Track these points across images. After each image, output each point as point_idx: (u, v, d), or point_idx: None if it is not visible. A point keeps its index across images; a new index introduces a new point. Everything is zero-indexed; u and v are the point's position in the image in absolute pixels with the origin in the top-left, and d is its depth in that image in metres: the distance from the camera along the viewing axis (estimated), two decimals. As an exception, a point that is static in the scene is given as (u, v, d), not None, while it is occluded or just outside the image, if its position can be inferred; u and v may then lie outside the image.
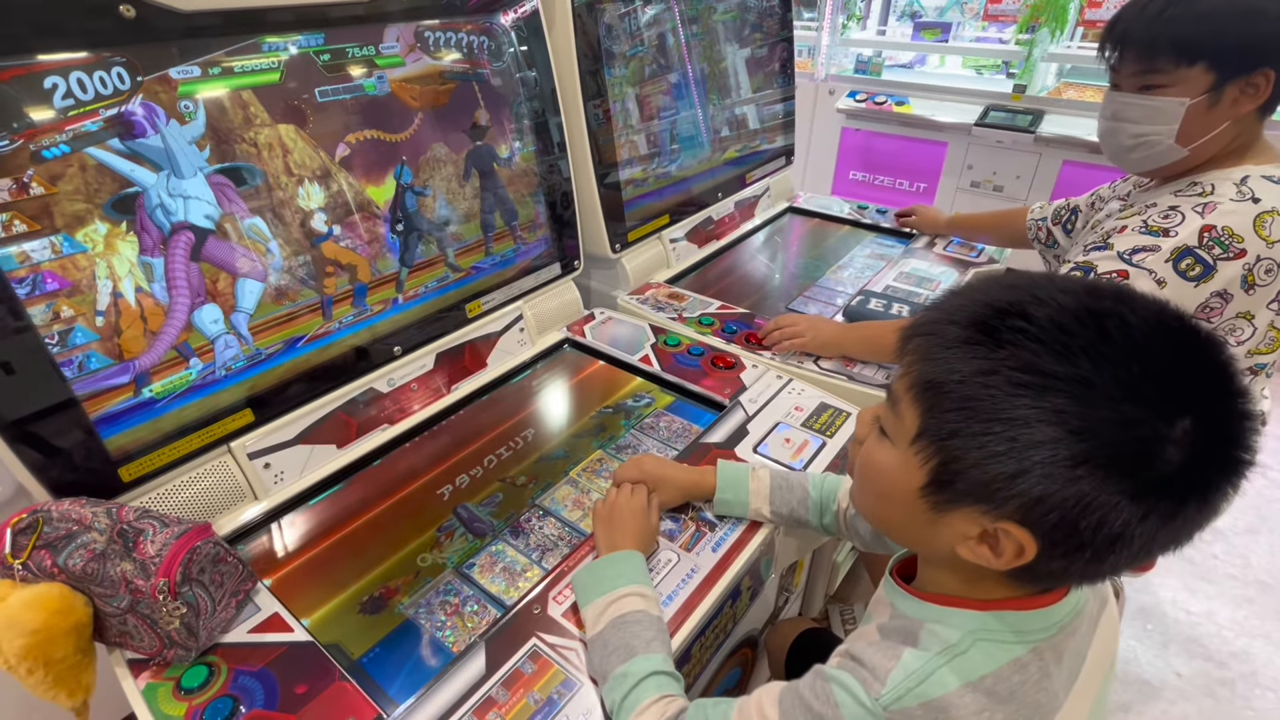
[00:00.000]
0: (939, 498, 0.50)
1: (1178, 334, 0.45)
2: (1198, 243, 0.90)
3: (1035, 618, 0.53)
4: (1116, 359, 0.42)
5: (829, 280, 1.60)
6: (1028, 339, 0.44)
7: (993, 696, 0.50)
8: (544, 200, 1.29)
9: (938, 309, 0.51)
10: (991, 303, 0.47)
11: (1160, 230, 0.93)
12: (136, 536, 0.72)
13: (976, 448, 0.46)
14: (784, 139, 1.98)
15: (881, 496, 0.56)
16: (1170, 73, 0.93)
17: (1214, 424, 0.43)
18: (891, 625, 0.57)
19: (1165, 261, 0.92)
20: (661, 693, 0.66)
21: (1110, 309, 0.44)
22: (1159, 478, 0.42)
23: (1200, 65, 0.91)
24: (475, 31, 1.11)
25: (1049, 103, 2.67)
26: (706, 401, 1.18)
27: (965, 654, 0.51)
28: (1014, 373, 0.44)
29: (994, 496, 0.46)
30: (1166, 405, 0.42)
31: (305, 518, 0.97)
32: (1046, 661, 0.52)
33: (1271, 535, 1.89)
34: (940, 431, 0.48)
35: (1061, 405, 0.43)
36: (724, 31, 1.70)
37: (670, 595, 0.80)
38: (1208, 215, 0.91)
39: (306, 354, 0.98)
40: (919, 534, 0.54)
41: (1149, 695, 1.50)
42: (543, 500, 0.99)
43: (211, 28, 0.83)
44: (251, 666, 0.73)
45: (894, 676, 0.52)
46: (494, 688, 0.70)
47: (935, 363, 0.48)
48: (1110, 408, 0.42)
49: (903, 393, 0.51)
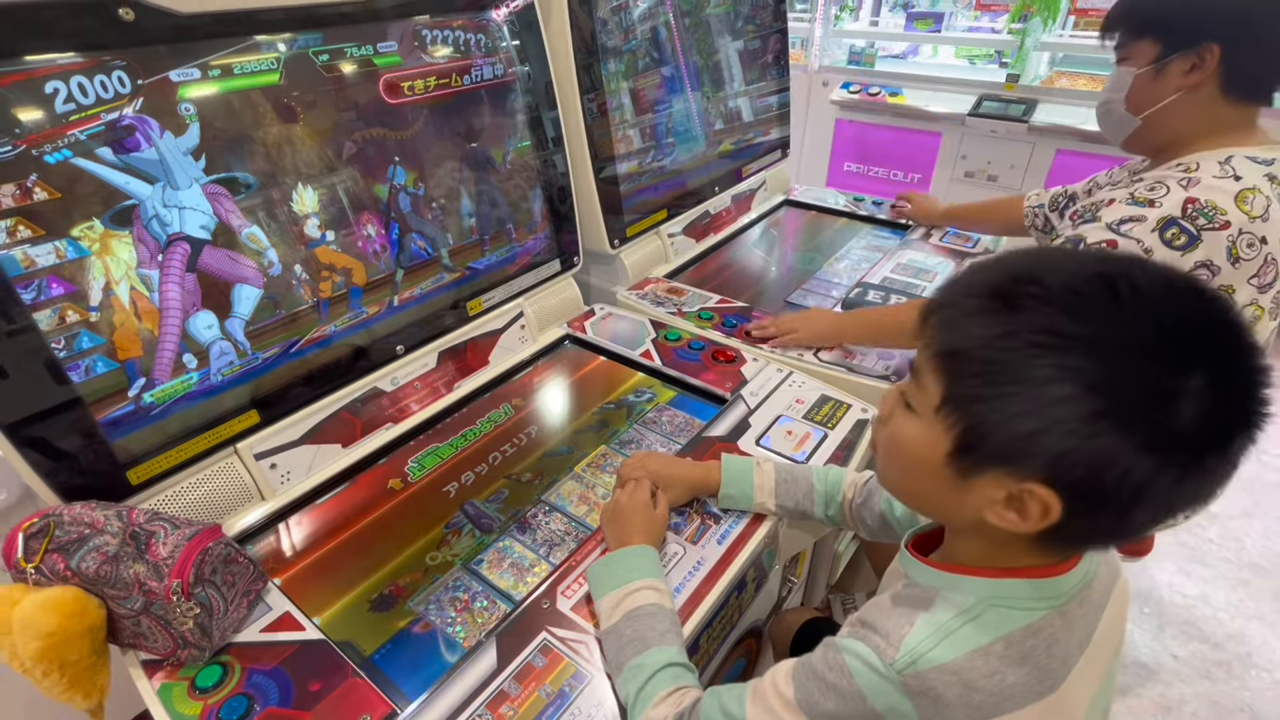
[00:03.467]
0: (965, 463, 0.51)
1: (1185, 293, 0.46)
2: (1181, 214, 0.92)
3: (1048, 585, 0.54)
4: (1128, 317, 0.44)
5: (826, 272, 1.61)
6: (1042, 303, 0.46)
7: (1005, 660, 0.52)
8: (542, 196, 1.29)
9: (955, 283, 0.53)
10: (1007, 271, 0.49)
11: (1146, 201, 0.96)
12: (148, 539, 0.72)
13: (998, 410, 0.47)
14: (779, 131, 1.99)
15: (908, 469, 0.57)
16: (1128, 46, 1.02)
17: (1227, 377, 0.44)
18: (905, 594, 0.58)
19: (1151, 231, 0.93)
20: (676, 684, 0.67)
21: (1121, 272, 0.46)
22: (1176, 430, 0.43)
23: (1148, 38, 0.99)
24: (470, 28, 1.11)
25: (1042, 92, 2.68)
26: (708, 395, 1.19)
27: (979, 619, 0.53)
28: (1031, 334, 0.45)
29: (1018, 457, 0.47)
30: (1180, 359, 0.43)
31: (313, 517, 0.97)
32: (1057, 628, 0.54)
33: (1266, 518, 1.92)
34: (963, 397, 0.49)
35: (1078, 363, 0.44)
36: (717, 24, 1.70)
37: (678, 587, 0.81)
38: (1191, 189, 0.93)
39: (305, 356, 0.99)
40: (947, 503, 0.54)
41: (1146, 677, 1.53)
42: (548, 496, 1.00)
43: (209, 29, 0.82)
44: (265, 665, 0.74)
45: (908, 642, 0.53)
46: (506, 681, 0.71)
47: (955, 331, 0.50)
48: (1124, 363, 0.43)
49: (925, 364, 0.53)
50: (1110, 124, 1.09)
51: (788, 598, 1.22)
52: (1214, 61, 0.94)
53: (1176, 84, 0.98)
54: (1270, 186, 0.95)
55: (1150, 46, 0.98)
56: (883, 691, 0.53)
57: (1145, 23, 0.99)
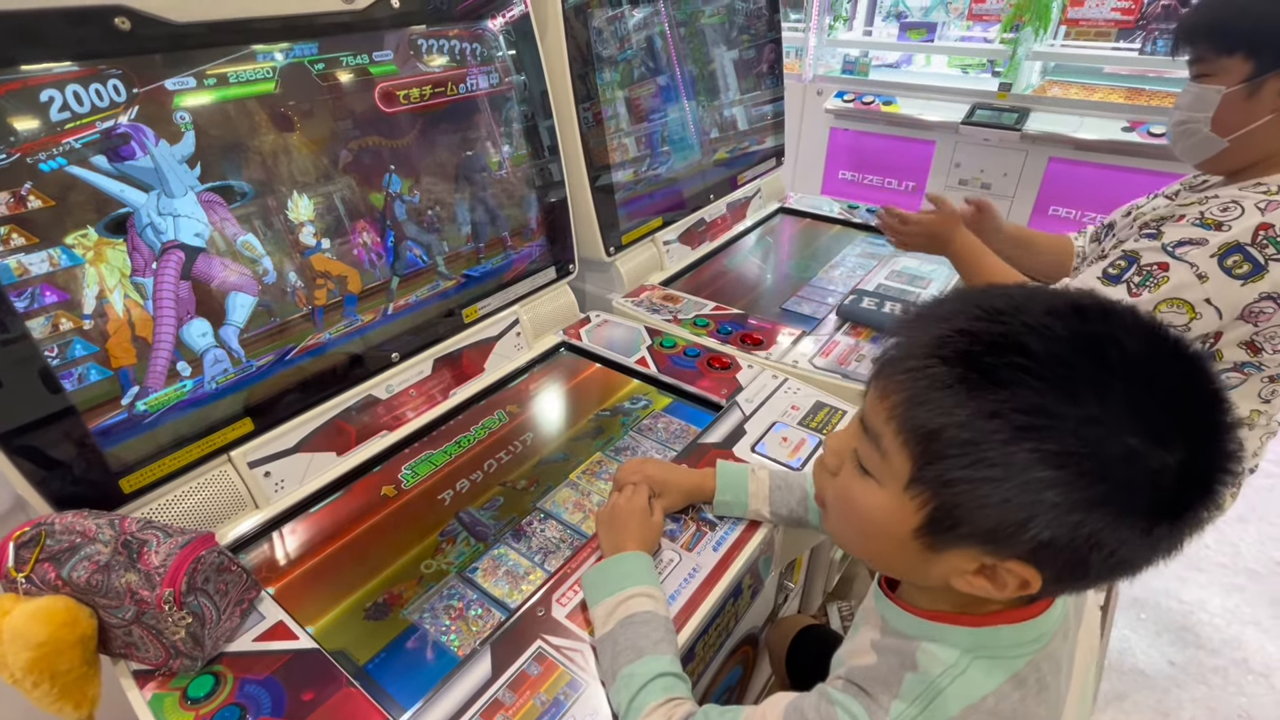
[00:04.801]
0: (936, 539, 0.48)
1: (1172, 359, 0.43)
2: (1250, 240, 0.88)
3: (1028, 629, 0.52)
4: (1120, 391, 0.41)
5: (821, 280, 1.61)
6: (1030, 376, 0.42)
7: (995, 715, 0.50)
8: (537, 204, 1.29)
9: (914, 340, 0.48)
10: (979, 335, 0.44)
11: (1214, 224, 0.91)
12: (140, 547, 0.72)
13: (980, 495, 0.44)
14: (774, 140, 2.00)
15: (867, 535, 0.54)
16: (1212, 61, 0.94)
17: (1206, 453, 0.42)
18: (885, 643, 0.57)
19: (1210, 256, 0.89)
20: (669, 695, 0.66)
21: (1105, 333, 0.43)
22: (1159, 504, 0.42)
23: (1239, 55, 0.91)
24: (466, 37, 1.11)
25: (1034, 100, 2.70)
26: (703, 402, 1.19)
27: (964, 674, 0.51)
28: (1018, 415, 0.41)
29: (999, 541, 0.45)
30: (1167, 435, 0.41)
31: (307, 525, 0.97)
32: (1044, 672, 0.52)
33: (1261, 524, 1.92)
34: (939, 479, 0.46)
35: (1071, 447, 0.41)
36: (712, 34, 1.71)
37: (673, 595, 0.81)
38: (1269, 213, 0.89)
39: (300, 364, 0.98)
40: (910, 569, 0.53)
41: (1143, 684, 1.53)
42: (544, 503, 0.99)
43: (205, 38, 0.83)
44: (258, 675, 0.73)
45: (896, 707, 0.51)
46: (500, 690, 0.71)
47: (928, 407, 0.45)
48: (1116, 443, 0.41)
49: (886, 432, 0.48)
50: (1190, 145, 1.01)
51: (784, 605, 1.21)
52: None
53: (1271, 105, 0.91)
54: None
55: (1241, 64, 0.91)
56: None
57: (1236, 39, 0.91)
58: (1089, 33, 2.60)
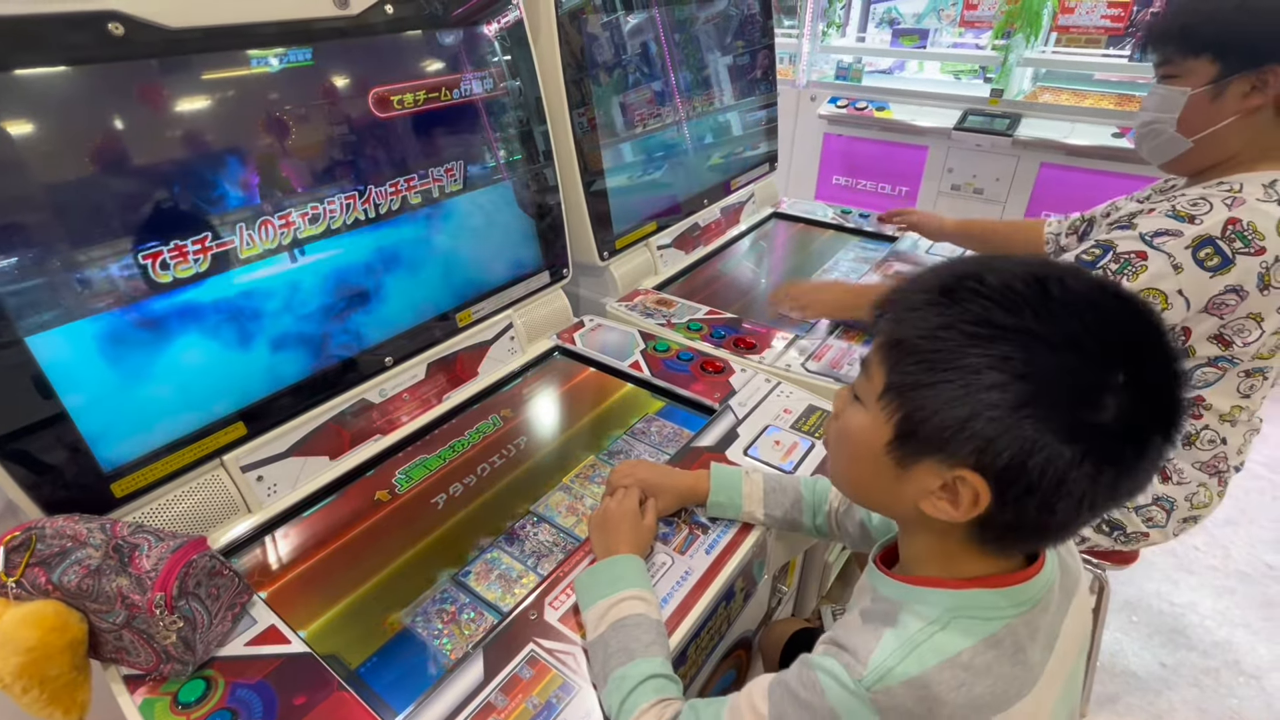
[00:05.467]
0: (903, 451, 0.53)
1: (1115, 299, 0.49)
2: (1220, 234, 0.90)
3: (1010, 594, 0.55)
4: (1059, 314, 0.47)
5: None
6: (980, 296, 0.48)
7: (970, 670, 0.52)
8: (531, 209, 1.30)
9: (909, 281, 0.55)
10: (954, 270, 0.52)
11: (1187, 216, 0.93)
12: (132, 551, 0.72)
13: (934, 396, 0.50)
14: (767, 145, 2.01)
15: (852, 459, 0.60)
16: (1179, 63, 0.96)
17: (1148, 376, 0.46)
18: (873, 609, 0.59)
19: (1185, 248, 0.91)
20: (659, 696, 0.67)
21: (1055, 275, 0.49)
22: (1096, 423, 0.46)
23: (1205, 57, 0.93)
24: (460, 43, 1.12)
25: (1025, 106, 2.72)
26: (697, 406, 1.19)
27: (943, 630, 0.54)
28: (967, 325, 0.48)
29: (949, 443, 0.50)
30: (1104, 356, 0.46)
31: (299, 529, 0.97)
32: (1020, 636, 0.54)
33: (1251, 526, 1.94)
34: (903, 385, 0.52)
35: (1008, 352, 0.47)
36: (707, 40, 1.72)
37: (665, 597, 0.81)
38: (1235, 209, 0.91)
39: (296, 370, 0.99)
40: (887, 493, 0.57)
41: (1135, 686, 1.53)
42: (537, 507, 0.99)
43: (200, 44, 0.83)
44: (249, 679, 0.73)
45: (874, 658, 0.53)
46: (493, 693, 0.71)
47: (900, 323, 0.53)
48: (1051, 355, 0.46)
49: (873, 355, 0.56)
50: (1155, 145, 1.03)
51: (778, 608, 1.22)
52: (1278, 84, 0.91)
53: (1235, 106, 0.94)
54: None
55: (1208, 66, 0.93)
56: (853, 709, 0.53)
57: (1203, 41, 0.93)
58: (1079, 40, 2.62)
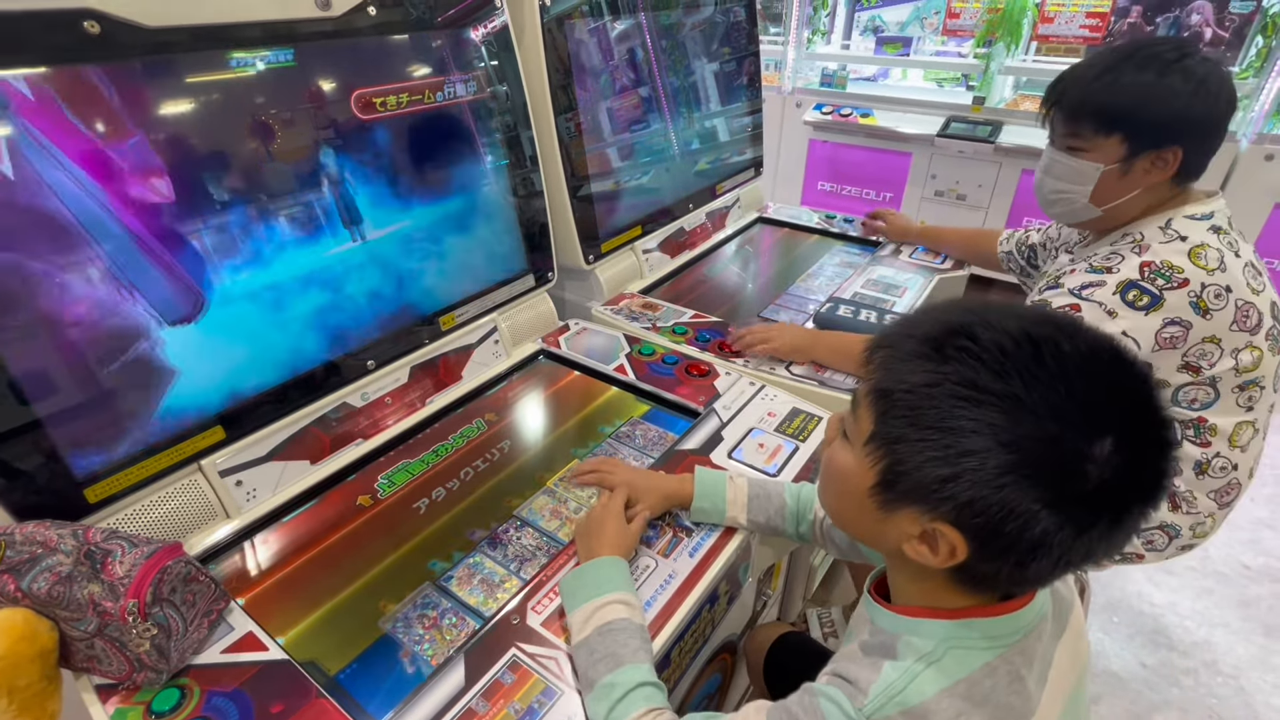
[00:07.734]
0: (885, 497, 0.54)
1: (1110, 363, 0.49)
2: (1140, 276, 0.98)
3: (1002, 623, 0.56)
4: (1047, 381, 0.46)
5: (799, 288, 1.63)
6: (970, 356, 0.48)
7: (969, 700, 0.53)
8: (517, 213, 1.29)
9: (901, 324, 0.55)
10: (946, 322, 0.51)
11: (1104, 269, 1.01)
12: (104, 558, 0.70)
13: (917, 452, 0.50)
14: (753, 151, 2.02)
15: (839, 494, 0.61)
16: (1090, 138, 1.03)
17: (1134, 448, 0.46)
18: (872, 641, 0.60)
19: (1113, 294, 0.98)
20: (650, 705, 0.66)
21: (1049, 335, 0.48)
22: (1077, 492, 0.46)
23: (1116, 136, 1.00)
24: (445, 47, 1.12)
25: (1007, 114, 2.77)
26: (681, 409, 1.19)
27: (939, 661, 0.54)
28: (955, 386, 0.48)
29: (930, 498, 0.50)
30: (1089, 427, 0.46)
31: (279, 535, 0.96)
32: (1016, 665, 0.55)
33: (1229, 528, 1.96)
34: (888, 436, 0.52)
35: (994, 419, 0.47)
36: (693, 46, 1.73)
37: (649, 601, 0.81)
38: (1144, 254, 1.00)
39: (276, 374, 0.97)
40: (871, 530, 0.58)
41: (1116, 686, 1.55)
42: (520, 511, 0.99)
43: (178, 44, 0.82)
44: (225, 687, 0.72)
45: (875, 688, 0.54)
46: (474, 699, 0.70)
47: (889, 373, 0.53)
48: (1036, 424, 0.46)
49: (862, 398, 0.56)
50: (1066, 211, 1.12)
51: (763, 611, 1.22)
52: (1176, 162, 0.99)
53: (1139, 181, 1.02)
54: (1218, 238, 1.00)
55: (1118, 145, 1.00)
56: None
57: (1115, 121, 0.99)
58: (1059, 48, 2.67)
